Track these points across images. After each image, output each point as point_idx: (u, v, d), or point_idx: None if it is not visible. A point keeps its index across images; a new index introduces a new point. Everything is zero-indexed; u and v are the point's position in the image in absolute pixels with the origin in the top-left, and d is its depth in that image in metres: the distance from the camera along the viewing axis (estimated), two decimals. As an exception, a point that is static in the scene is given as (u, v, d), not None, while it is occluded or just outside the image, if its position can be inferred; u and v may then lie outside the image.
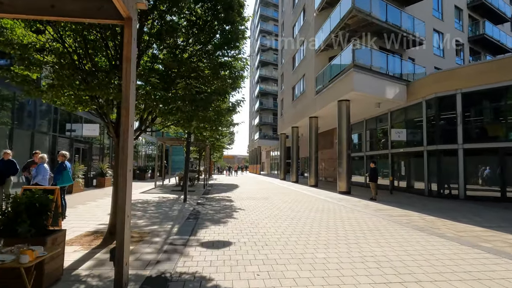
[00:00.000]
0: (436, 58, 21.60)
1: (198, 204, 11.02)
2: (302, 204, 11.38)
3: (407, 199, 13.55)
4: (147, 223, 7.34)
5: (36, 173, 7.36)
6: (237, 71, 6.18)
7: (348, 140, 16.17)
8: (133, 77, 3.36)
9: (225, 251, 5.17)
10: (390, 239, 6.04)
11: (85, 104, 5.16)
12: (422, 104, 15.16)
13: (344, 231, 6.80)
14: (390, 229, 7.06)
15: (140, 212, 8.90)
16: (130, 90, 3.26)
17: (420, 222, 8.02)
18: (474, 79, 13.13)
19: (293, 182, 25.77)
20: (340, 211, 9.65)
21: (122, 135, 3.29)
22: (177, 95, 5.01)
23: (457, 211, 10.03)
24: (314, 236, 6.25)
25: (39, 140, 12.32)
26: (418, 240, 5.99)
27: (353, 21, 15.98)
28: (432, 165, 14.57)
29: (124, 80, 3.29)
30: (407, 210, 10.14)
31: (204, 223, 7.46)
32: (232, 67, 6.11)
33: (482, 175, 13.23)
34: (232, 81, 6.06)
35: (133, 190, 15.40)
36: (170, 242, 5.70)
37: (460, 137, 13.41)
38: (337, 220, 8.07)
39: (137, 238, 5.94)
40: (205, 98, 5.18)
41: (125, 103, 3.27)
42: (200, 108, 5.28)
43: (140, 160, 27.93)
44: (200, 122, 5.51)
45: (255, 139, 59.27)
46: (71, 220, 7.45)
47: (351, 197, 14.16)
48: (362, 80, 14.77)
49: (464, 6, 24.55)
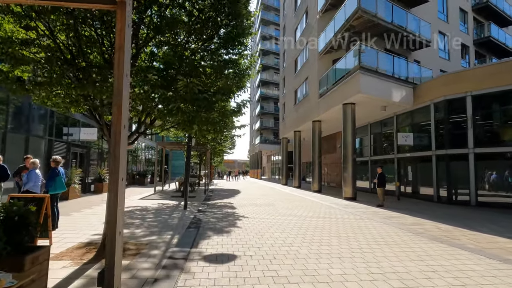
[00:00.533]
0: (442, 61, 21.21)
1: (199, 211, 10.53)
2: (307, 211, 10.88)
3: (416, 205, 13.05)
4: (145, 233, 6.85)
5: (27, 179, 6.87)
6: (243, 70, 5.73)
7: (353, 144, 15.70)
8: (127, 69, 2.89)
9: (230, 266, 4.69)
10: (409, 252, 5.55)
11: (76, 105, 4.71)
12: (430, 107, 14.70)
13: (357, 241, 6.30)
14: (405, 239, 6.56)
15: (138, 221, 8.41)
16: (123, 84, 2.79)
17: (435, 231, 7.53)
18: (484, 81, 12.69)
19: (295, 187, 25.25)
20: (349, 219, 9.16)
21: (113, 137, 2.82)
22: (178, 94, 4.56)
23: (472, 219, 9.52)
24: (325, 248, 5.76)
25: (34, 145, 11.86)
26: (439, 253, 5.49)
27: (358, 22, 15.59)
28: (441, 170, 14.08)
29: (116, 72, 2.82)
30: (419, 217, 9.64)
31: (206, 233, 6.98)
32: (237, 64, 5.66)
33: (494, 180, 12.71)
34: (238, 79, 5.60)
35: (132, 196, 14.95)
36: (170, 255, 5.21)
37: (470, 141, 12.93)
38: (348, 229, 7.57)
39: (133, 251, 5.45)
40: (209, 98, 4.72)
41: (117, 99, 2.80)
42: (203, 109, 4.82)
43: (140, 164, 27.44)
44: (202, 124, 5.05)
45: (256, 143, 58.80)
46: (63, 230, 6.97)
47: (357, 203, 13.66)
48: (368, 82, 14.34)
49: (469, 8, 24.21)
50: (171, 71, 4.78)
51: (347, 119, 15.81)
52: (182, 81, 4.14)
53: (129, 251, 5.40)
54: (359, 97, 14.78)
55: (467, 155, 13.05)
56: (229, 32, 5.43)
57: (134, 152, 25.23)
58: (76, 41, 4.75)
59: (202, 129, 5.30)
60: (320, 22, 20.07)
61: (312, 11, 21.87)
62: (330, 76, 17.99)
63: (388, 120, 18.35)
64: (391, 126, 18.10)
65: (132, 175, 24.56)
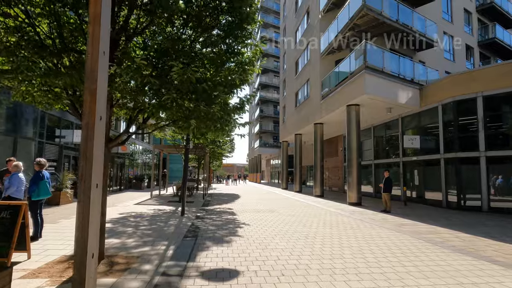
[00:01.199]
0: (447, 62, 20.71)
1: (197, 217, 9.88)
2: (312, 218, 10.25)
3: (424, 211, 12.43)
4: (137, 243, 6.21)
5: (9, 184, 6.20)
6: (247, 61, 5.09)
7: (358, 147, 15.09)
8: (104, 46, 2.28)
9: (233, 285, 4.06)
10: (433, 266, 4.92)
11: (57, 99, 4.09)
12: (438, 109, 14.13)
13: (372, 254, 5.67)
14: (425, 251, 5.94)
15: (131, 229, 7.76)
16: (98, 64, 2.18)
17: (456, 241, 6.90)
18: (496, 81, 12.13)
19: (296, 192, 24.60)
20: (358, 227, 8.53)
21: (85, 131, 2.21)
22: (172, 85, 3.93)
23: (490, 227, 8.90)
24: (338, 261, 5.13)
25: (24, 147, 11.22)
26: (468, 268, 4.87)
27: (363, 21, 15.06)
28: (451, 174, 13.48)
29: (90, 49, 2.22)
30: (432, 225, 9.02)
31: (204, 243, 6.34)
32: (240, 54, 5.05)
33: (507, 185, 12.09)
34: (242, 70, 4.97)
35: (127, 202, 14.27)
36: (163, 271, 4.58)
37: (482, 144, 12.35)
38: (359, 239, 6.95)
39: (122, 265, 4.81)
40: (208, 90, 4.09)
41: (90, 82, 2.19)
42: (202, 103, 4.18)
43: (137, 168, 26.76)
44: (201, 121, 4.41)
45: (255, 147, 58.15)
46: (47, 240, 6.32)
47: (363, 209, 13.03)
48: (373, 82, 13.78)
49: (473, 9, 23.79)
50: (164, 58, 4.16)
51: (351, 121, 15.22)
52: (178, 67, 3.51)
53: (117, 266, 4.76)
54: (364, 98, 14.21)
55: (478, 158, 12.45)
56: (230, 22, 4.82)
57: (131, 155, 24.58)
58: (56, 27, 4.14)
59: (200, 126, 4.66)
60: (322, 22, 19.56)
61: (313, 11, 21.38)
62: (333, 77, 17.44)
63: (392, 122, 17.77)
64: (395, 128, 17.51)
65: (129, 179, 23.90)
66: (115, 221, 8.77)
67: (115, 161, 20.71)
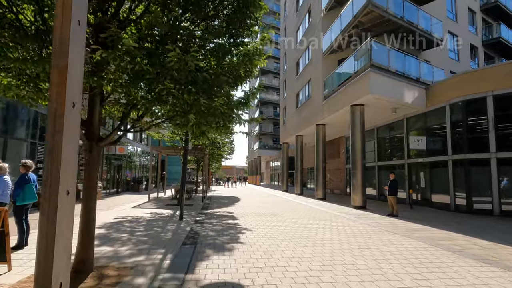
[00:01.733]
0: (452, 62, 20.30)
1: (196, 222, 9.37)
2: (317, 222, 9.75)
3: (432, 214, 11.94)
4: (132, 252, 5.70)
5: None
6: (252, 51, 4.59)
7: (362, 149, 14.61)
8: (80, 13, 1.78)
9: (237, 303, 3.56)
10: (459, 279, 4.43)
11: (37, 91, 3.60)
12: (445, 109, 13.66)
13: (388, 263, 5.18)
14: (445, 260, 5.44)
15: (126, 235, 7.26)
16: (69, 35, 1.69)
17: (475, 249, 6.42)
18: (507, 80, 11.68)
19: (297, 194, 24.10)
20: (367, 232, 8.03)
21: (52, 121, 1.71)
22: (168, 73, 3.43)
23: (507, 232, 8.41)
24: (353, 273, 4.63)
25: (14, 148, 10.71)
26: (499, 282, 4.38)
27: (367, 18, 14.63)
28: (459, 176, 13.00)
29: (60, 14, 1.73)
30: (445, 230, 8.53)
31: (204, 252, 5.84)
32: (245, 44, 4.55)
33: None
34: (248, 59, 4.45)
35: (123, 205, 13.73)
36: (159, 285, 4.08)
37: (492, 145, 11.89)
38: (371, 246, 6.45)
39: (113, 278, 4.30)
40: (209, 80, 3.59)
41: (58, 58, 1.70)
42: (203, 95, 3.68)
43: (135, 170, 26.21)
44: (201, 116, 3.90)
45: (255, 149, 57.67)
46: (33, 249, 5.79)
47: (368, 212, 12.54)
48: (379, 81, 13.33)
49: (477, 8, 23.42)
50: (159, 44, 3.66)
51: (355, 122, 14.76)
52: (174, 52, 3.02)
53: (107, 279, 4.26)
54: (369, 98, 13.75)
55: (489, 160, 11.99)
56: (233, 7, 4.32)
57: (129, 157, 24.04)
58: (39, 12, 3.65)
59: (200, 122, 4.15)
60: (324, 21, 19.13)
61: (315, 9, 20.95)
62: (335, 77, 16.98)
63: (397, 123, 17.30)
64: (400, 129, 17.05)
65: (127, 182, 23.37)
66: (108, 226, 8.26)
67: (112, 163, 20.19)
